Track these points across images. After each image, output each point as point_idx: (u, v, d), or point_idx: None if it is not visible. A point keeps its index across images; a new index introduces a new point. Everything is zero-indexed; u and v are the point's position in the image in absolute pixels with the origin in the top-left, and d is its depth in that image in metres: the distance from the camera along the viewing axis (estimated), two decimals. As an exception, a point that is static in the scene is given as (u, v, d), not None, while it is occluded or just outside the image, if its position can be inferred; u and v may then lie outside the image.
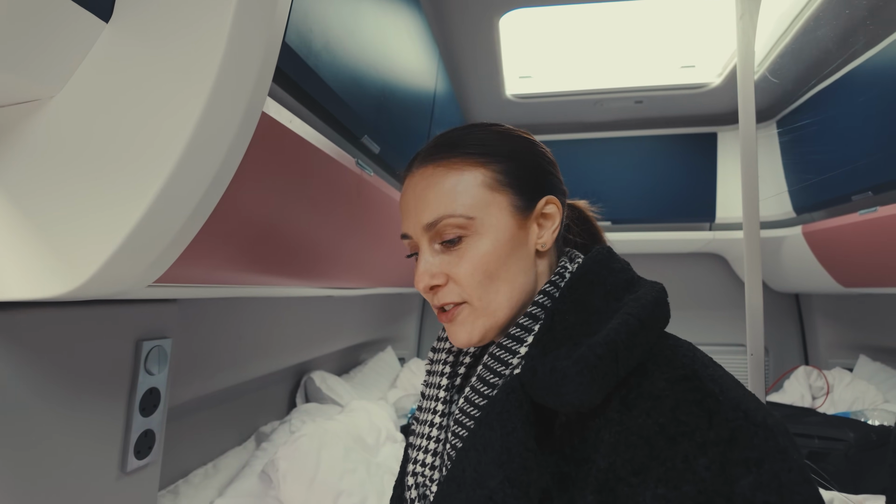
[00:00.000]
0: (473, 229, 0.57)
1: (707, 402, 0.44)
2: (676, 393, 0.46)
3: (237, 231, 0.71)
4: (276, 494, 1.14)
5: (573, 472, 0.48)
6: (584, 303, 0.55)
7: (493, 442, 0.50)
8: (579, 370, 0.47)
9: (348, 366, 2.30)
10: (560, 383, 0.48)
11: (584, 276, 0.57)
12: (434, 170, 0.59)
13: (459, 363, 0.65)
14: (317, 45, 0.69)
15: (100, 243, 0.46)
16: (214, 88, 0.45)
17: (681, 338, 0.55)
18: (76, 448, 0.68)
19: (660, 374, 0.48)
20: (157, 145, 0.45)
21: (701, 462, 0.41)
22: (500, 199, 0.58)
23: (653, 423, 0.45)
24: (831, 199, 1.80)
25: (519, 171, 0.60)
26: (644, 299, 0.53)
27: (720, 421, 0.43)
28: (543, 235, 0.61)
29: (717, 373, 0.48)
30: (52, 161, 0.47)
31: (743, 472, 0.40)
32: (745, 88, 1.11)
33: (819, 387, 2.24)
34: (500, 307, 0.58)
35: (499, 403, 0.52)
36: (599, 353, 0.47)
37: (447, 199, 0.57)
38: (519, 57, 1.89)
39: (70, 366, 0.66)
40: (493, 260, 0.57)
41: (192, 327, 1.09)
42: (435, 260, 0.59)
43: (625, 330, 0.49)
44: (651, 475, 0.43)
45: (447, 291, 0.59)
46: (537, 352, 0.52)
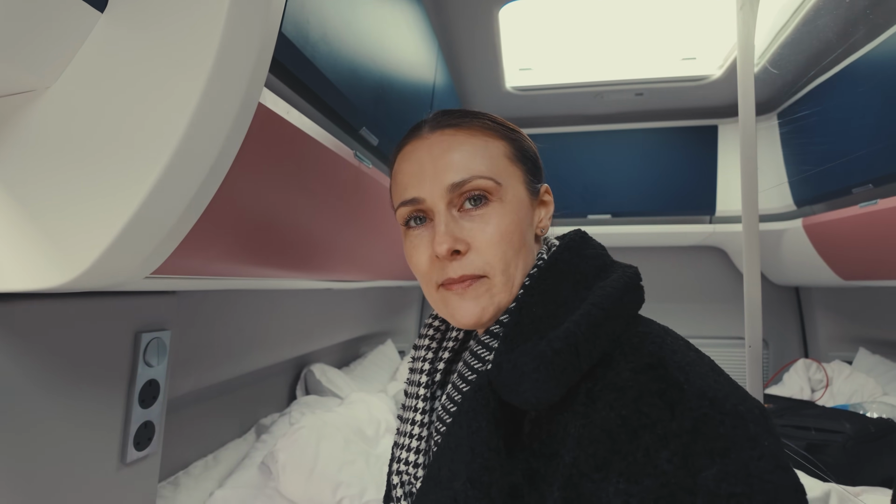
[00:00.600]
0: (499, 195, 0.55)
1: (670, 392, 0.43)
2: (640, 383, 0.44)
3: (235, 223, 0.71)
4: (276, 486, 1.15)
5: (542, 469, 0.47)
6: (552, 293, 0.53)
7: (462, 440, 0.49)
8: (535, 366, 0.46)
9: (348, 358, 2.30)
10: (518, 381, 0.47)
11: (554, 266, 0.56)
12: (455, 133, 0.57)
13: (438, 359, 0.64)
14: (314, 36, 0.68)
15: (96, 234, 0.46)
16: (210, 79, 0.44)
17: (655, 322, 0.53)
18: (76, 439, 0.68)
19: (625, 364, 0.47)
20: (153, 136, 0.45)
21: (663, 455, 0.40)
22: (517, 173, 0.58)
23: (615, 416, 0.44)
24: (832, 192, 1.79)
25: (527, 152, 0.60)
26: (610, 287, 0.52)
27: (682, 411, 0.42)
28: (543, 220, 0.61)
29: (686, 359, 0.47)
30: (48, 152, 0.47)
31: (706, 463, 0.39)
32: (745, 80, 1.11)
33: (818, 379, 2.25)
34: (515, 284, 0.56)
35: (467, 401, 0.51)
36: (557, 348, 0.46)
37: (477, 160, 0.55)
38: (519, 49, 1.88)
39: (69, 357, 0.67)
40: (515, 231, 0.55)
41: (192, 319, 1.09)
42: (455, 224, 0.55)
43: (586, 322, 0.48)
44: (613, 469, 0.42)
45: (467, 261, 0.55)
46: (505, 347, 0.51)
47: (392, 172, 0.62)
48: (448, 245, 0.54)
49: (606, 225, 2.38)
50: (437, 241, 0.54)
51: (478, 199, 0.55)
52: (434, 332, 0.67)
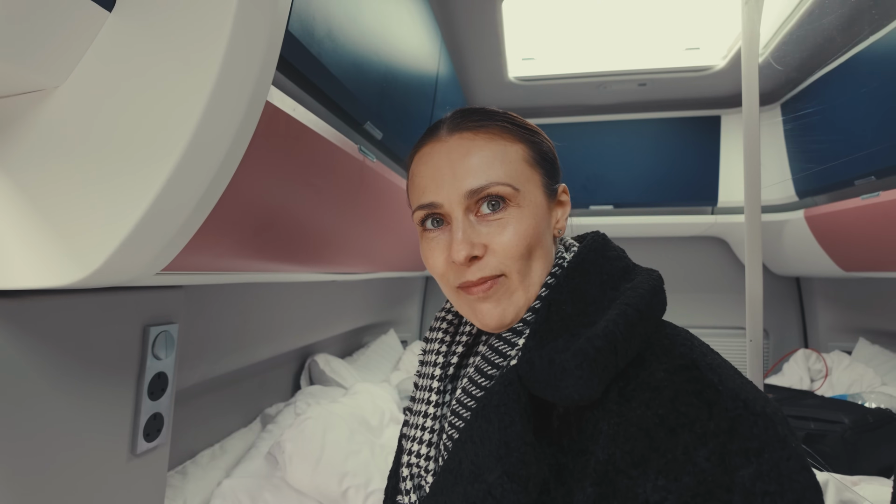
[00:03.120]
0: (517, 201, 0.55)
1: (706, 392, 0.44)
2: (675, 383, 0.45)
3: (242, 219, 0.72)
4: (283, 475, 1.16)
5: (570, 464, 0.48)
6: (581, 292, 0.54)
7: (491, 435, 0.49)
8: (578, 363, 0.46)
9: (351, 348, 2.32)
10: (559, 377, 0.47)
11: (580, 265, 0.57)
12: (474, 136, 0.56)
13: (452, 353, 0.63)
14: (319, 33, 0.68)
15: (109, 232, 0.47)
16: (219, 77, 0.45)
17: (678, 325, 0.55)
18: (87, 431, 0.69)
19: (658, 365, 0.48)
20: (163, 135, 0.45)
21: (701, 453, 0.41)
22: (536, 177, 0.57)
23: (652, 415, 0.45)
24: (834, 184, 1.79)
25: (546, 154, 0.60)
26: (641, 289, 0.53)
27: (720, 411, 0.43)
28: (560, 221, 0.61)
29: (715, 361, 0.48)
30: (59, 151, 0.48)
31: (743, 462, 0.40)
32: (750, 72, 1.10)
33: (818, 369, 2.26)
34: (533, 284, 0.56)
35: (496, 396, 0.51)
36: (598, 346, 0.47)
37: (496, 165, 0.55)
38: (522, 39, 1.87)
39: (79, 352, 0.67)
40: (533, 235, 0.55)
41: (199, 312, 1.10)
42: (473, 230, 0.55)
43: (623, 321, 0.48)
44: (651, 467, 0.43)
45: (484, 264, 0.55)
46: (534, 343, 0.51)
47: (409, 173, 0.62)
48: (466, 252, 0.54)
49: (608, 216, 2.38)
50: (455, 249, 0.54)
51: (496, 204, 0.55)
52: (447, 325, 0.67)
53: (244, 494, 1.08)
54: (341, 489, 1.13)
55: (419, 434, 0.60)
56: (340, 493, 1.13)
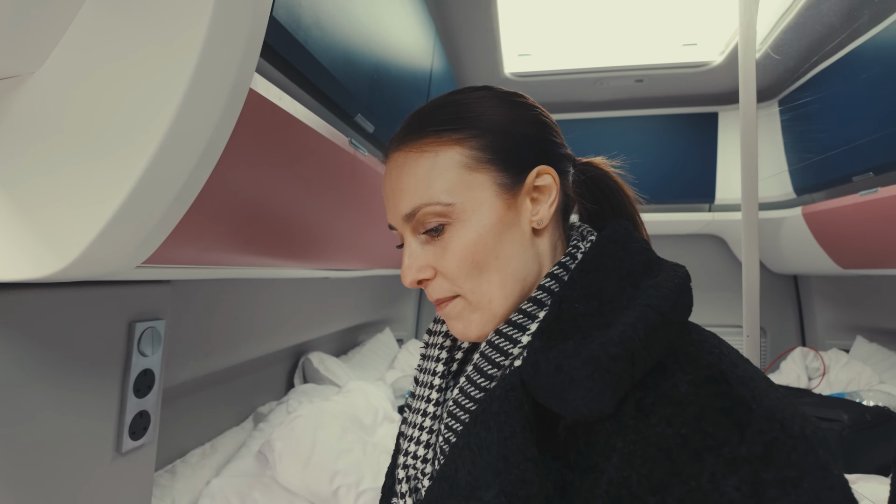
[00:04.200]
0: (455, 216, 0.51)
1: (737, 410, 0.39)
2: (702, 398, 0.40)
3: (229, 211, 0.70)
4: (273, 474, 1.15)
5: (577, 481, 0.43)
6: (597, 289, 0.49)
7: (490, 445, 0.45)
8: (589, 374, 0.41)
9: (346, 347, 2.30)
10: (567, 387, 0.42)
11: (597, 259, 0.51)
12: (406, 155, 0.54)
13: (457, 347, 0.60)
14: (306, 20, 0.67)
15: (85, 223, 0.45)
16: (199, 64, 0.43)
17: (705, 329, 0.49)
18: (70, 429, 0.68)
19: (682, 376, 0.42)
20: (142, 122, 0.44)
21: (730, 482, 0.36)
22: (481, 178, 0.52)
23: (674, 434, 0.39)
24: (832, 180, 1.78)
25: (502, 142, 0.53)
26: (665, 288, 0.47)
27: (753, 434, 0.37)
28: (539, 211, 0.54)
29: (747, 373, 0.42)
30: (34, 139, 0.46)
31: (778, 494, 0.35)
32: (747, 67, 1.09)
33: (815, 368, 2.25)
34: (494, 299, 0.52)
35: (497, 401, 0.46)
36: (613, 354, 0.41)
37: (422, 185, 0.52)
38: (518, 34, 1.86)
39: (62, 347, 0.66)
40: (480, 248, 0.51)
41: (188, 308, 1.08)
42: (420, 252, 0.54)
43: (643, 325, 0.43)
44: (671, 494, 0.38)
45: (437, 286, 0.54)
46: (541, 344, 0.47)
47: None
48: (410, 277, 0.54)
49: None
50: (403, 275, 0.54)
51: (433, 225, 0.52)
52: None
53: (233, 494, 1.07)
54: (332, 488, 1.12)
55: (417, 434, 0.56)
56: (331, 492, 1.12)
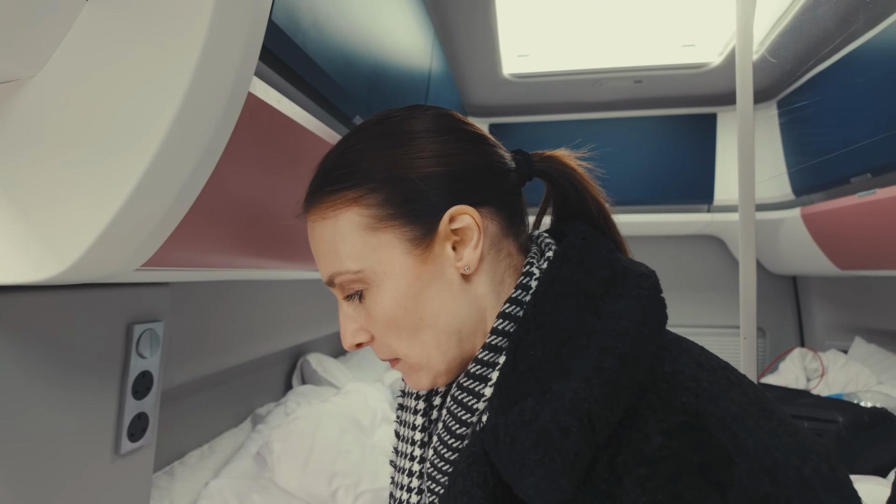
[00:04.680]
0: (369, 280, 0.47)
1: (716, 468, 0.34)
2: (676, 454, 0.35)
3: (227, 214, 0.70)
4: (271, 476, 1.15)
5: None
6: (552, 328, 0.43)
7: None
8: (540, 457, 0.36)
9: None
10: (520, 472, 0.37)
11: (551, 288, 0.45)
12: (313, 222, 0.51)
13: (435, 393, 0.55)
14: (305, 23, 0.67)
15: (85, 226, 0.45)
16: (198, 67, 0.43)
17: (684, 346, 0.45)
18: (69, 431, 0.68)
19: (655, 424, 0.37)
20: (141, 125, 0.44)
21: None
22: (386, 237, 0.47)
23: (648, 501, 0.34)
24: (830, 182, 1.79)
25: (403, 192, 0.47)
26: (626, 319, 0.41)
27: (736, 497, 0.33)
28: (463, 256, 0.48)
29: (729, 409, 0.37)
30: (33, 142, 0.47)
31: None
32: (744, 70, 1.10)
33: (814, 368, 2.26)
34: (431, 358, 0.48)
35: (461, 478, 0.42)
36: (565, 426, 0.36)
37: (330, 254, 0.49)
38: (516, 35, 1.86)
39: (61, 350, 0.66)
40: (400, 312, 0.47)
41: (187, 310, 1.08)
42: (353, 315, 0.51)
43: (598, 380, 0.38)
44: None
45: (377, 347, 0.51)
46: (499, 403, 0.42)
47: None
48: (348, 343, 0.51)
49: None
50: (342, 340, 0.51)
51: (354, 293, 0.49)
52: None
53: (232, 495, 1.07)
54: (331, 490, 1.12)
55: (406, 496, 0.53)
56: (330, 493, 1.12)
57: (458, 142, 0.50)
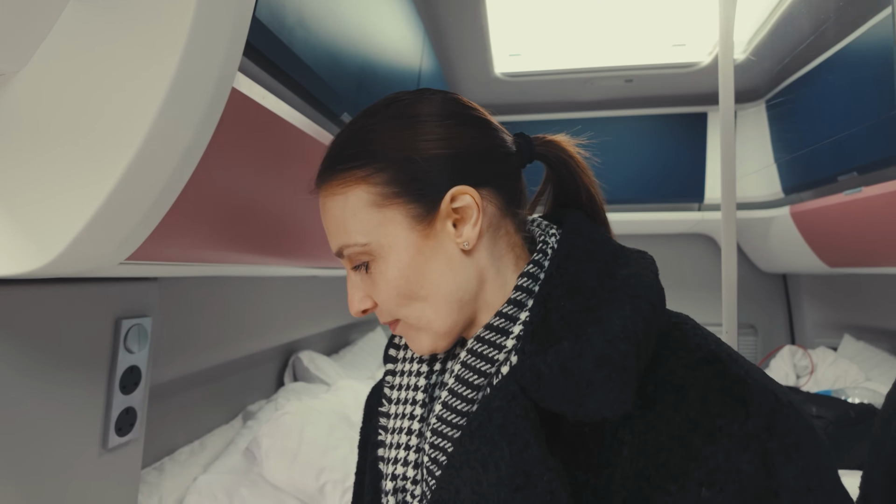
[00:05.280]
0: (375, 253, 0.51)
1: (737, 387, 0.41)
2: (700, 381, 0.41)
3: (214, 209, 0.71)
4: (260, 471, 1.15)
5: (591, 481, 0.42)
6: (577, 284, 0.48)
7: (500, 461, 0.42)
8: (607, 374, 0.40)
9: (337, 346, 2.31)
10: (584, 391, 0.41)
11: (572, 253, 0.50)
12: (324, 196, 0.54)
13: (435, 359, 0.57)
14: (290, 21, 0.68)
15: (69, 219, 0.46)
16: (182, 62, 0.44)
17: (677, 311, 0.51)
18: (56, 425, 0.68)
19: (676, 360, 0.43)
20: (125, 119, 0.44)
21: (744, 457, 0.38)
22: (391, 213, 0.50)
23: (683, 419, 0.40)
24: (818, 180, 1.80)
25: (408, 171, 0.50)
26: (646, 277, 0.48)
27: (756, 408, 0.40)
28: (463, 233, 0.51)
29: (732, 351, 0.45)
30: (17, 135, 0.47)
31: (784, 461, 0.38)
32: (725, 67, 1.11)
33: (803, 366, 2.27)
34: (431, 321, 0.51)
35: (498, 413, 0.44)
36: (623, 351, 0.41)
37: (340, 228, 0.52)
38: (508, 34, 1.86)
39: (48, 344, 0.66)
40: (402, 282, 0.50)
41: (177, 306, 1.09)
42: (359, 284, 0.54)
43: (640, 318, 0.43)
44: (692, 478, 0.39)
45: (380, 312, 0.55)
46: (534, 347, 0.45)
47: None
48: (355, 309, 0.54)
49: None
50: (349, 306, 0.55)
51: (361, 263, 0.53)
52: None
53: (220, 490, 1.07)
54: (318, 484, 1.13)
55: (403, 454, 0.53)
56: (318, 488, 1.13)
57: (462, 125, 0.53)
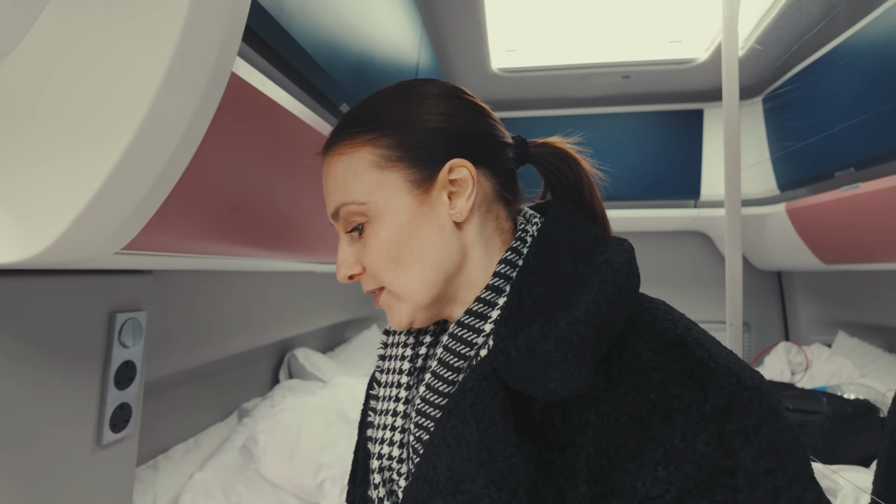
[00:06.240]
0: (371, 214, 0.53)
1: (699, 371, 0.42)
2: (664, 363, 0.43)
3: (210, 199, 0.69)
4: (257, 468, 1.14)
5: (558, 460, 0.45)
6: (552, 271, 0.50)
7: (469, 437, 0.45)
8: (563, 355, 0.42)
9: (333, 343, 2.29)
10: (543, 371, 0.43)
11: (549, 241, 0.53)
12: (329, 158, 0.57)
13: (420, 343, 0.60)
14: (290, 5, 0.66)
15: (62, 207, 0.44)
16: (178, 47, 0.43)
17: (654, 297, 0.52)
18: (49, 420, 0.67)
19: (642, 344, 0.45)
20: (120, 105, 0.43)
21: (701, 437, 0.39)
22: (392, 176, 0.53)
23: (644, 401, 0.42)
24: (814, 176, 1.81)
25: (412, 139, 0.54)
26: (617, 262, 0.49)
27: (715, 391, 0.41)
28: (456, 205, 0.54)
29: (700, 335, 0.46)
30: (9, 120, 0.45)
31: (742, 443, 0.39)
32: (730, 61, 1.10)
33: (798, 362, 2.28)
34: (415, 290, 0.54)
35: (471, 393, 0.47)
36: (582, 333, 0.43)
37: (340, 187, 0.54)
38: (505, 30, 1.86)
39: (40, 337, 0.65)
40: (393, 245, 0.53)
41: (171, 300, 1.07)
42: (350, 249, 0.56)
43: (605, 301, 0.45)
44: (649, 458, 0.40)
45: (366, 279, 0.57)
46: (507, 331, 0.48)
47: None
48: (342, 273, 0.57)
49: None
50: (336, 270, 0.57)
51: (354, 224, 0.55)
52: None
53: (217, 488, 1.06)
54: (316, 481, 1.11)
55: (389, 435, 0.56)
56: (316, 485, 1.11)
57: (464, 107, 0.57)
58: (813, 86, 1.75)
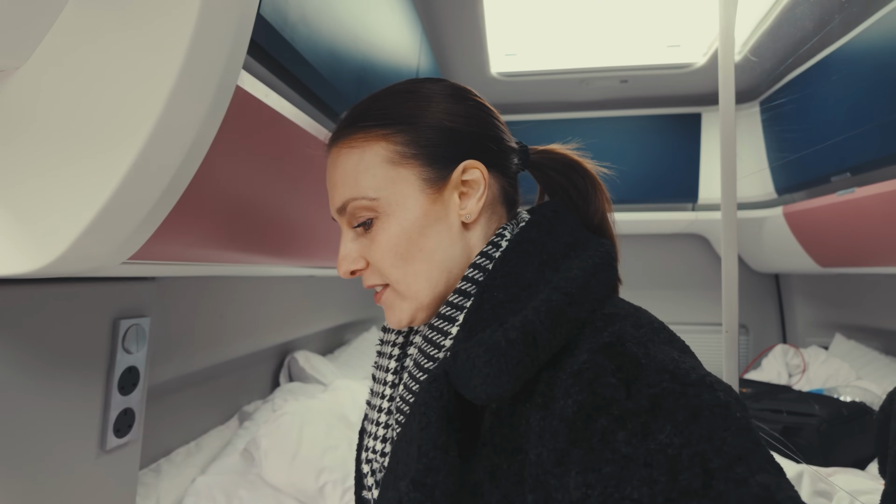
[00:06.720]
0: (381, 210, 0.53)
1: (626, 368, 0.40)
2: (595, 363, 0.41)
3: (215, 208, 0.70)
4: (259, 472, 1.15)
5: (504, 465, 0.44)
6: (516, 276, 0.50)
7: (413, 437, 0.45)
8: (488, 359, 0.42)
9: (333, 346, 2.30)
10: (469, 374, 0.43)
11: (519, 245, 0.52)
12: (339, 151, 0.56)
13: (409, 343, 0.60)
14: (293, 17, 0.67)
15: (70, 218, 0.45)
16: (186, 60, 0.44)
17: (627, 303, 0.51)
18: (54, 426, 0.68)
19: (584, 346, 0.44)
20: (128, 118, 0.44)
21: (620, 436, 0.37)
22: (405, 173, 0.53)
23: (572, 403, 0.40)
24: (811, 180, 1.82)
25: (428, 137, 0.54)
26: (577, 269, 0.48)
27: (639, 388, 0.38)
28: (467, 206, 0.54)
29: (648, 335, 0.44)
30: (19, 134, 0.46)
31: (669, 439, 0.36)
32: (726, 67, 1.11)
33: (795, 364, 2.29)
34: (420, 289, 0.54)
35: (421, 394, 0.47)
36: (511, 338, 0.42)
37: (350, 181, 0.54)
38: (504, 34, 1.87)
39: (46, 344, 0.66)
40: (403, 241, 0.53)
41: (174, 306, 1.08)
42: (353, 245, 0.56)
43: (545, 308, 0.44)
44: (572, 461, 0.38)
45: (369, 274, 0.57)
46: (464, 335, 0.48)
47: None
48: (344, 268, 0.56)
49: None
50: (338, 265, 0.57)
51: (362, 219, 0.54)
52: None
53: (219, 492, 1.07)
54: (318, 485, 1.12)
55: (375, 429, 0.57)
56: (317, 488, 1.12)
57: (477, 109, 0.58)
58: (809, 90, 1.76)
